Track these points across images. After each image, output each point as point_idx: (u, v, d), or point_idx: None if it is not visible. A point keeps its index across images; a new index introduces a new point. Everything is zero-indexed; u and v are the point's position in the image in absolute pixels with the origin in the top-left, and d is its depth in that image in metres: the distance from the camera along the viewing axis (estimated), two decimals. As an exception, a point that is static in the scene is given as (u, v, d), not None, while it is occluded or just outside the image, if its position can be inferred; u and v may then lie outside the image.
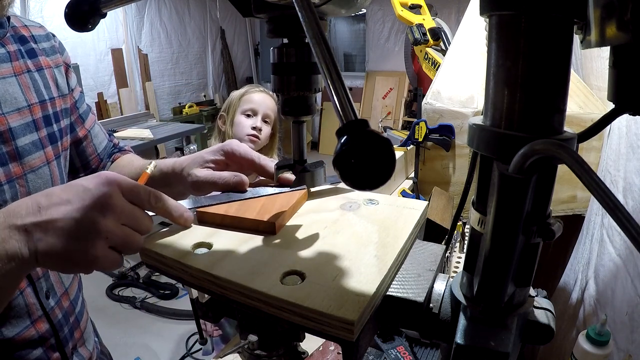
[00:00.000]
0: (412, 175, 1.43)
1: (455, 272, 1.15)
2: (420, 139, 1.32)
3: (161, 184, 0.73)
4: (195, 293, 0.67)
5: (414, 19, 1.97)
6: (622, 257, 0.94)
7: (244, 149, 0.66)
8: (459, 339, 0.40)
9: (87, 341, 0.83)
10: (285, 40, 0.52)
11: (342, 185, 0.67)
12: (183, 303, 3.12)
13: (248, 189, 0.64)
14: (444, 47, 1.90)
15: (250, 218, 0.55)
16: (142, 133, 3.69)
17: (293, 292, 0.43)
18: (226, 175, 0.63)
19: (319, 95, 0.87)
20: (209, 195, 0.63)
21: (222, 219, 0.57)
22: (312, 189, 0.65)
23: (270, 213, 0.56)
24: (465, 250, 0.45)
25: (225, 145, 0.67)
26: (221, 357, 0.91)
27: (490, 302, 0.41)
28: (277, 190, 0.63)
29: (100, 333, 1.02)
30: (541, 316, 0.43)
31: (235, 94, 1.87)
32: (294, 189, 0.63)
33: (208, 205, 0.59)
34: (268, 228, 0.54)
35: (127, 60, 5.16)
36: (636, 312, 0.85)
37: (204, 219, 0.58)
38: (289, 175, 0.64)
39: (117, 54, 5.03)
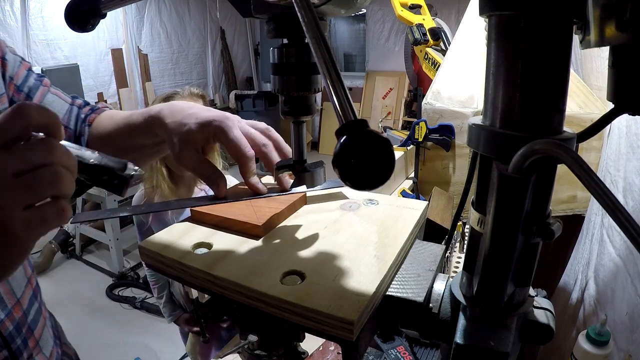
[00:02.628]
0: (412, 175, 1.43)
1: (455, 272, 1.15)
2: (420, 139, 1.32)
3: (145, 130, 0.67)
4: (195, 293, 0.67)
5: (414, 19, 1.97)
6: (622, 257, 0.94)
7: (236, 152, 0.60)
8: (458, 338, 0.40)
9: (44, 348, 0.78)
10: (285, 41, 0.52)
11: (342, 189, 0.67)
12: (183, 303, 3.13)
13: (245, 188, 0.64)
14: (444, 47, 1.90)
15: (241, 221, 0.55)
16: (142, 133, 3.69)
17: (293, 292, 0.43)
18: (209, 181, 0.62)
19: (319, 95, 0.87)
20: (208, 196, 0.63)
21: (214, 220, 0.57)
22: (310, 194, 0.65)
23: (264, 216, 0.56)
24: (465, 250, 0.45)
25: (220, 132, 0.61)
26: (221, 357, 0.91)
27: (490, 302, 0.41)
28: (274, 193, 0.64)
29: (100, 333, 1.01)
30: (541, 316, 0.43)
31: None
32: (294, 189, 0.64)
33: (206, 204, 0.59)
34: (256, 231, 0.54)
35: (127, 60, 5.16)
36: (636, 312, 0.85)
37: (200, 219, 0.58)
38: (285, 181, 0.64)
39: (117, 54, 5.03)
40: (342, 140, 0.31)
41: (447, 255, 1.04)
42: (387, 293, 0.46)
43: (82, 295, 3.26)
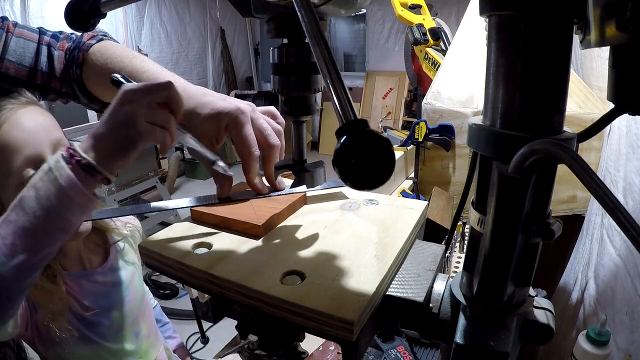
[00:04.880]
0: (412, 175, 1.43)
1: (455, 272, 1.15)
2: (420, 139, 1.32)
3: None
4: (195, 293, 0.67)
5: (414, 19, 1.97)
6: (622, 257, 0.94)
7: (243, 150, 0.59)
8: (458, 338, 0.40)
9: None
10: (285, 40, 0.52)
11: (342, 189, 0.67)
12: (183, 303, 3.12)
13: (247, 189, 0.64)
14: (444, 47, 1.89)
15: (241, 221, 0.55)
16: (142, 133, 3.69)
17: (293, 291, 0.43)
18: (217, 177, 0.61)
19: (319, 95, 0.86)
20: (208, 195, 0.63)
21: (214, 220, 0.57)
22: (310, 194, 0.65)
23: (264, 216, 0.56)
24: (465, 250, 0.45)
25: (232, 126, 0.59)
26: (221, 357, 0.91)
27: (490, 302, 0.41)
28: (275, 193, 0.64)
29: (101, 332, 1.01)
30: (541, 316, 0.43)
31: None
32: (294, 189, 0.64)
33: (207, 205, 0.59)
34: (256, 231, 0.54)
35: (127, 60, 5.15)
36: (636, 312, 0.85)
37: (200, 219, 0.58)
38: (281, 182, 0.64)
39: (117, 54, 5.02)
40: (342, 140, 0.31)
41: (447, 255, 1.04)
42: (387, 293, 0.46)
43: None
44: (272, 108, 0.65)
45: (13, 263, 0.47)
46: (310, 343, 0.99)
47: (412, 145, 1.37)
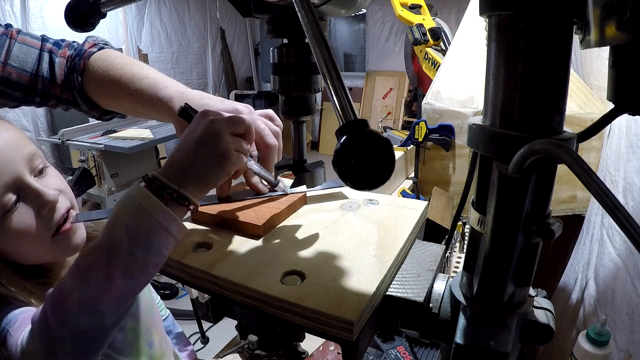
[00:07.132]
0: (412, 175, 1.43)
1: (455, 272, 1.15)
2: (420, 139, 1.32)
3: (149, 104, 0.68)
4: (195, 293, 0.67)
5: (414, 19, 1.97)
6: (622, 257, 0.94)
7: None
8: (458, 338, 0.40)
9: None
10: (285, 40, 0.52)
11: (342, 189, 0.67)
12: (183, 303, 3.12)
13: (246, 188, 0.64)
14: (444, 47, 1.89)
15: (241, 221, 0.55)
16: (142, 133, 3.68)
17: (293, 292, 0.43)
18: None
19: (319, 95, 0.86)
20: (208, 195, 0.63)
21: (214, 220, 0.57)
22: (310, 194, 0.65)
23: (264, 216, 0.56)
24: (465, 250, 0.45)
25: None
26: (221, 357, 0.91)
27: (490, 302, 0.41)
28: (275, 193, 0.64)
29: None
30: (541, 316, 0.43)
31: None
32: (294, 189, 0.64)
33: (206, 204, 0.59)
34: (256, 231, 0.54)
35: (127, 60, 5.15)
36: (636, 312, 0.85)
37: (200, 219, 0.58)
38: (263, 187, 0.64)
39: (117, 54, 5.02)
40: (342, 140, 0.31)
41: (447, 255, 1.04)
42: (387, 293, 0.46)
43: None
44: (269, 111, 0.66)
45: (113, 310, 0.44)
46: (310, 343, 0.99)
47: (412, 145, 1.37)
